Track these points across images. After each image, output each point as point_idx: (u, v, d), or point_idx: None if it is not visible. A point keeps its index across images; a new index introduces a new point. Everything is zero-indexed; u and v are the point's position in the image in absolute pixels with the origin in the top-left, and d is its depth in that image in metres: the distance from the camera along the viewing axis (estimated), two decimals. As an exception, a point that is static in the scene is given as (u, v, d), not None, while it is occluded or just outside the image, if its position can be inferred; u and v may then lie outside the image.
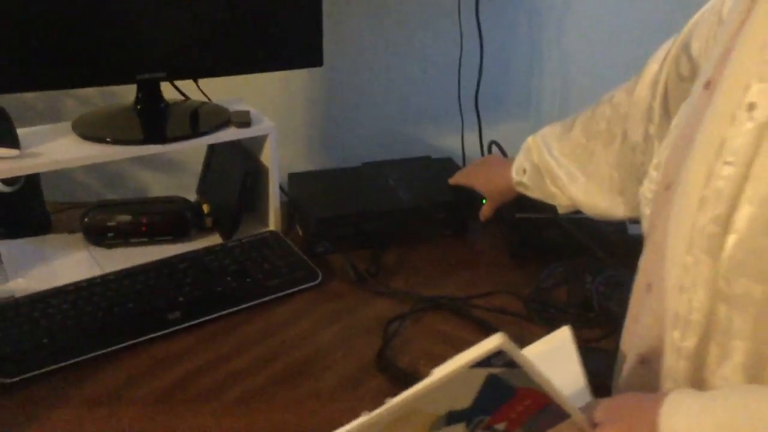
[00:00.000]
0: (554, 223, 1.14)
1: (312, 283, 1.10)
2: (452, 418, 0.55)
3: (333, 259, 1.17)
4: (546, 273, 1.11)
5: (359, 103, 1.49)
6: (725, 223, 0.56)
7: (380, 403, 0.54)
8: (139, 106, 1.16)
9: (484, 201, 1.22)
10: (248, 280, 1.08)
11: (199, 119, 1.18)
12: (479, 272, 1.16)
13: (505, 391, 0.53)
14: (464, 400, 0.54)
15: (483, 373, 0.52)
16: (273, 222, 1.23)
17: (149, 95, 1.15)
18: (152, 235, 1.18)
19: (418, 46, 1.45)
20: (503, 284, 1.11)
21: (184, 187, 1.37)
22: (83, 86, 1.10)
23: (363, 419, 0.54)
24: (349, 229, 1.17)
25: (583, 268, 1.08)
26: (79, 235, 1.20)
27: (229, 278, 1.08)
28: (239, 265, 1.11)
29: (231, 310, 1.03)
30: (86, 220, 1.16)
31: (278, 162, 1.19)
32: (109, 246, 1.17)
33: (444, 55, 1.45)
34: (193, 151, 1.28)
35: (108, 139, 1.08)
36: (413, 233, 1.22)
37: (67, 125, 1.12)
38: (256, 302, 1.05)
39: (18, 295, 1.03)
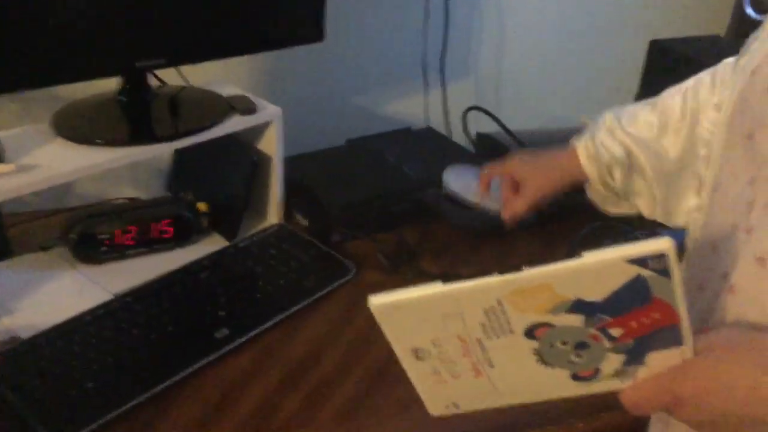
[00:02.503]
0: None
1: (348, 277, 1.03)
2: (577, 307, 0.52)
3: (352, 247, 1.11)
4: (582, 233, 1.11)
5: (317, 77, 1.40)
6: None
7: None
8: (123, 98, 1.00)
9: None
10: (282, 282, 0.99)
11: (197, 109, 1.04)
12: (504, 241, 1.15)
13: (643, 296, 0.52)
14: (599, 292, 0.51)
15: (634, 271, 0.50)
16: (275, 214, 1.13)
17: (136, 84, 0.99)
18: (151, 243, 1.04)
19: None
20: (530, 252, 1.11)
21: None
22: (70, 81, 0.92)
23: (494, 278, 0.52)
24: (369, 214, 1.11)
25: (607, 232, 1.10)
26: (57, 252, 1.03)
27: (261, 282, 0.99)
28: (263, 266, 1.02)
29: (280, 317, 0.94)
30: (74, 234, 0.99)
31: (284, 148, 1.09)
32: (102, 261, 1.02)
33: (406, 17, 1.40)
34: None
35: (99, 141, 0.93)
36: (429, 209, 1.18)
37: (44, 126, 0.95)
38: (301, 305, 0.97)
39: (23, 334, 0.87)
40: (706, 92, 0.81)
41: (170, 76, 1.11)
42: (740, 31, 1.23)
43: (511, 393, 0.60)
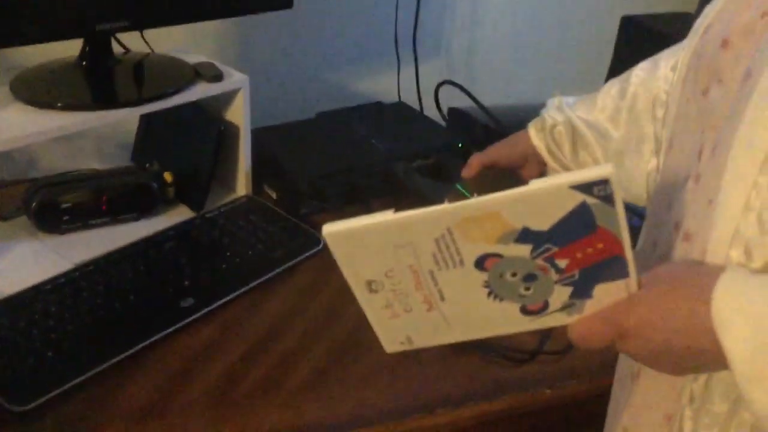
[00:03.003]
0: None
1: (316, 249, 1.02)
2: (523, 236, 0.53)
3: (321, 220, 1.09)
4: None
5: (286, 50, 1.37)
6: None
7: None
8: (85, 63, 0.97)
9: (461, 145, 1.20)
10: (250, 253, 0.98)
11: (162, 75, 1.02)
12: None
13: (588, 225, 0.52)
14: (545, 221, 0.52)
15: (578, 198, 0.51)
16: (243, 186, 1.11)
17: (99, 49, 0.96)
18: (114, 213, 1.01)
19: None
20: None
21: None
22: (30, 43, 0.89)
23: (444, 206, 0.52)
24: (338, 187, 1.09)
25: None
26: (18, 222, 1.00)
27: (228, 253, 0.97)
28: (231, 237, 1.00)
29: (247, 288, 0.93)
30: (34, 202, 0.96)
31: (253, 120, 1.07)
32: (64, 231, 0.99)
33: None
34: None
35: (59, 105, 0.90)
36: (399, 183, 1.17)
37: (4, 90, 0.92)
38: (268, 276, 0.95)
39: (-19, 303, 0.85)
40: (663, 60, 0.81)
41: (135, 44, 1.08)
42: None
43: (462, 328, 0.60)
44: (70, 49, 0.98)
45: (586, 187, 0.50)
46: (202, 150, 1.06)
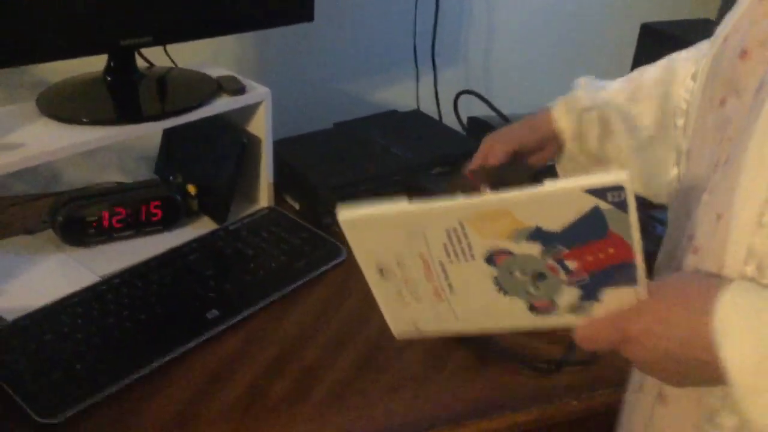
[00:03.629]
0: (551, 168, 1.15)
1: (339, 259, 1.02)
2: (535, 235, 0.54)
3: (339, 228, 1.09)
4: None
5: (306, 61, 1.38)
6: None
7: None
8: (109, 78, 0.98)
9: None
10: (272, 264, 0.98)
11: (186, 89, 1.03)
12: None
13: (599, 230, 0.52)
14: (557, 222, 0.53)
15: (591, 202, 0.51)
16: (266, 198, 1.12)
17: (123, 64, 0.98)
18: (140, 226, 1.02)
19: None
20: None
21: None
22: (56, 59, 0.90)
23: (458, 200, 0.53)
24: (360, 196, 1.10)
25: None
26: (44, 236, 1.01)
27: (252, 265, 0.97)
28: (254, 249, 1.00)
29: (271, 299, 0.93)
30: (60, 216, 0.97)
31: (272, 132, 1.08)
32: (89, 244, 1.00)
33: (396, 1, 1.39)
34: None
35: (85, 120, 0.91)
36: (419, 191, 1.17)
37: (30, 105, 0.93)
38: (291, 287, 0.96)
39: (9, 317, 0.86)
40: (681, 63, 0.81)
41: (158, 59, 1.10)
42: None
43: (469, 319, 0.61)
44: (96, 64, 1.00)
45: (600, 192, 0.50)
46: (224, 162, 1.07)
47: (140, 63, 1.04)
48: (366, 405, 0.80)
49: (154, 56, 1.08)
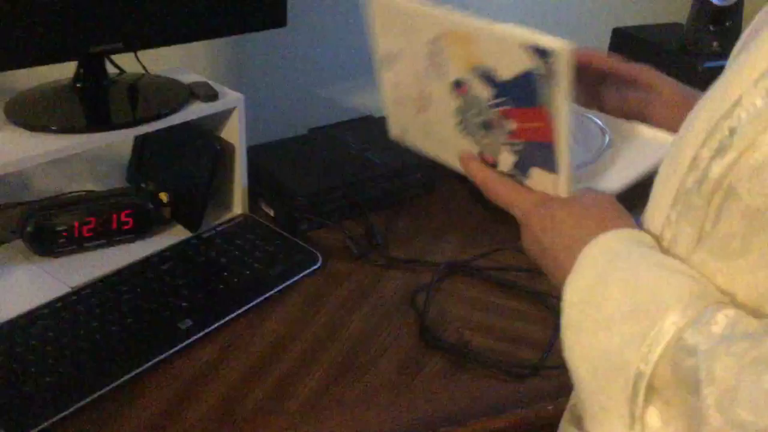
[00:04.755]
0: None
1: (315, 266, 1.01)
2: (487, 77, 0.56)
3: (318, 236, 1.09)
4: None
5: (278, 67, 1.37)
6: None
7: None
8: (79, 85, 0.97)
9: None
10: (247, 272, 0.97)
11: (157, 96, 1.01)
12: (468, 229, 1.14)
13: (531, 96, 0.53)
14: (505, 71, 0.55)
15: (528, 61, 0.52)
16: (240, 205, 1.11)
17: (93, 70, 0.96)
18: (111, 235, 1.00)
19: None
20: (497, 239, 1.10)
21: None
22: (25, 66, 0.88)
23: (443, 12, 0.58)
24: (336, 202, 1.09)
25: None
26: (13, 246, 0.99)
27: (226, 273, 0.97)
28: (228, 257, 1.00)
29: (245, 307, 0.92)
30: (29, 225, 0.95)
31: (246, 138, 1.07)
32: (59, 254, 0.98)
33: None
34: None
35: (54, 128, 0.90)
36: (394, 197, 1.16)
37: (-4, 114, 0.92)
38: (266, 295, 0.95)
39: (-24, 330, 0.84)
40: None
41: (130, 66, 1.08)
42: (700, 18, 1.24)
43: (438, 145, 0.66)
44: (65, 71, 0.98)
45: (537, 53, 0.51)
46: (198, 170, 1.05)
47: (111, 70, 1.03)
48: (342, 413, 0.79)
49: (126, 63, 1.06)
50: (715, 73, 1.38)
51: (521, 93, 0.53)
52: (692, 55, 1.23)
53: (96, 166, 1.23)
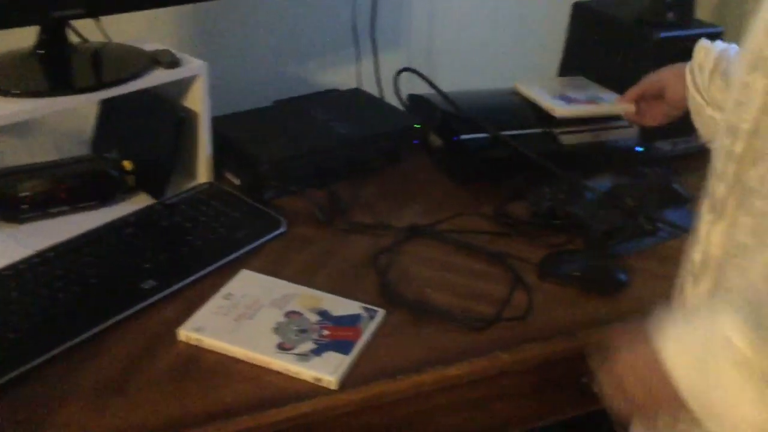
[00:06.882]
0: (494, 142, 1.17)
1: (279, 231, 1.03)
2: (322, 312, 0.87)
3: (283, 203, 1.10)
4: (505, 189, 1.14)
5: (245, 39, 1.38)
6: None
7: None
8: (41, 51, 0.97)
9: (419, 126, 1.22)
10: (212, 236, 0.98)
11: (119, 62, 1.02)
12: (431, 198, 1.16)
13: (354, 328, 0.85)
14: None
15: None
16: (205, 173, 1.12)
17: (55, 37, 0.97)
18: (74, 201, 1.01)
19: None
20: (460, 206, 1.12)
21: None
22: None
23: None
24: (302, 170, 1.10)
25: (536, 181, 1.13)
26: (-24, 213, 1.00)
27: (190, 237, 0.98)
28: (192, 222, 1.01)
29: (209, 269, 0.93)
30: (-8, 192, 0.96)
31: (212, 109, 1.08)
32: (23, 220, 0.99)
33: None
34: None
35: (16, 91, 0.90)
36: (359, 166, 1.18)
37: (-43, 79, 0.91)
38: (230, 258, 0.96)
39: (-61, 290, 0.84)
40: None
41: (92, 35, 1.09)
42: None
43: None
44: (27, 38, 0.99)
45: None
46: (161, 138, 1.06)
47: (74, 39, 1.04)
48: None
49: (90, 34, 1.07)
50: (670, 42, 1.42)
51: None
52: (649, 26, 1.26)
53: (60, 140, 1.23)
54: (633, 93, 1.12)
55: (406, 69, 1.33)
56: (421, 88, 1.35)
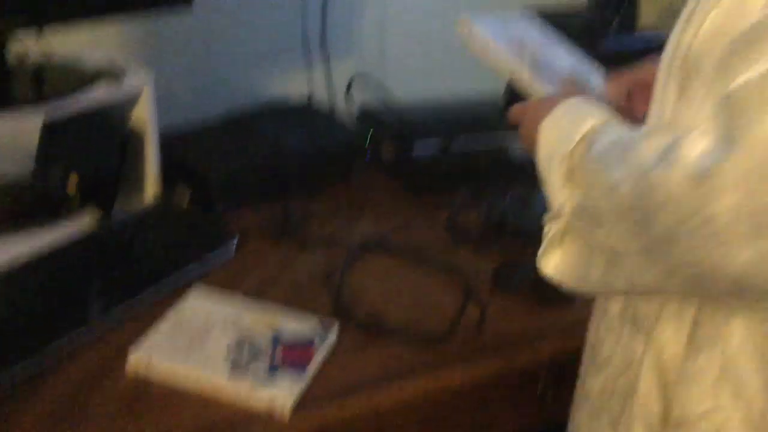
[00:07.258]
0: (445, 152, 1.18)
1: (231, 247, 1.01)
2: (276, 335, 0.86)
3: (233, 218, 1.09)
4: (457, 200, 1.15)
5: (193, 48, 1.36)
6: None
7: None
8: (-22, 67, 0.94)
9: (370, 132, 1.23)
10: (162, 252, 0.97)
11: (62, 78, 0.99)
12: (384, 211, 1.16)
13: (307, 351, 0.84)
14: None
15: None
16: (152, 187, 1.09)
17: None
18: (16, 221, 0.98)
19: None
20: (413, 219, 1.13)
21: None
22: None
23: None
24: (253, 185, 1.09)
25: (487, 191, 1.14)
26: None
27: (138, 256, 0.96)
28: (141, 239, 0.99)
29: (158, 286, 0.91)
30: (-72, 214, 0.92)
31: (160, 121, 1.05)
32: (-38, 242, 0.95)
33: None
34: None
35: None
36: (311, 183, 1.17)
37: None
38: (180, 276, 0.93)
39: None
40: None
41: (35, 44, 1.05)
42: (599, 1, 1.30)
43: None
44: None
45: None
46: (106, 153, 1.04)
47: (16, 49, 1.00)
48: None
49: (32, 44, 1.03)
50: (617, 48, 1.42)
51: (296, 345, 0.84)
52: (595, 34, 1.28)
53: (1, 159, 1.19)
54: (629, 78, 0.86)
55: (357, 76, 1.33)
56: (374, 95, 1.35)
